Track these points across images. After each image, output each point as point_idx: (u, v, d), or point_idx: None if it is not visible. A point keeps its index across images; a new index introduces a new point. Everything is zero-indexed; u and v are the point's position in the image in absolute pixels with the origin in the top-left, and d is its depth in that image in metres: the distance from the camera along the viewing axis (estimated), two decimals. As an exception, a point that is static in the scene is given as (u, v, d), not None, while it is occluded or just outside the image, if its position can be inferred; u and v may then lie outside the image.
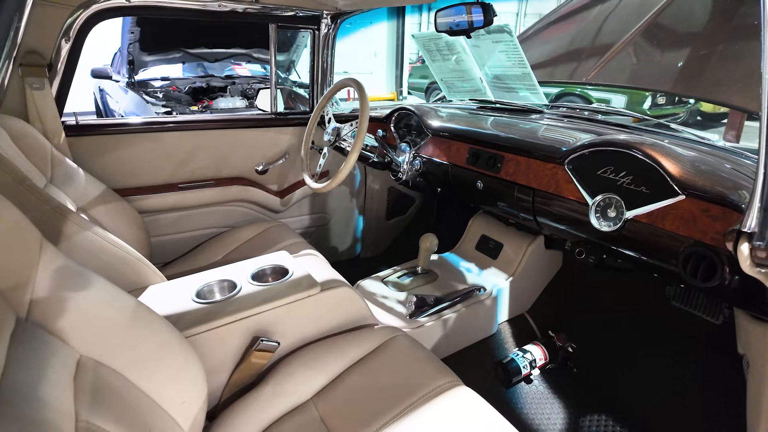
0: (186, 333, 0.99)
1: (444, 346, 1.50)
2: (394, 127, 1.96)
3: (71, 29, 1.48)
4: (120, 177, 1.68)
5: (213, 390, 1.04)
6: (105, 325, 0.77)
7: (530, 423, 1.36)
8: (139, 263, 1.19)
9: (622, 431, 1.31)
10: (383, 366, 1.07)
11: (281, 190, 2.08)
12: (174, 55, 4.34)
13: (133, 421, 0.70)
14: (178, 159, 1.81)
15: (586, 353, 1.52)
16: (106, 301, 0.80)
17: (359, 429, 0.92)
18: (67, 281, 0.74)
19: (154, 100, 3.80)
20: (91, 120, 1.65)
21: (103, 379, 0.72)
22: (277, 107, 2.02)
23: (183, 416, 0.83)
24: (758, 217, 0.70)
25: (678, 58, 1.65)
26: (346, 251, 2.37)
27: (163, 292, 1.14)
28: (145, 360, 0.80)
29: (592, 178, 1.20)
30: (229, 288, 1.15)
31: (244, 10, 1.73)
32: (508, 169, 1.44)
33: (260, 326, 1.07)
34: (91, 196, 1.43)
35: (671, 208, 1.04)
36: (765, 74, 0.66)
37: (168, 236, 1.83)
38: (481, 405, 0.95)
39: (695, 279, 0.96)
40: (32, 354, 0.62)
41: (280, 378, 1.05)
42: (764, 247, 0.70)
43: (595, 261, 1.32)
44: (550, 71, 4.39)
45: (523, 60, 1.55)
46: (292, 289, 1.13)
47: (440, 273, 1.71)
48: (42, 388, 0.58)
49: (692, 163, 1.06)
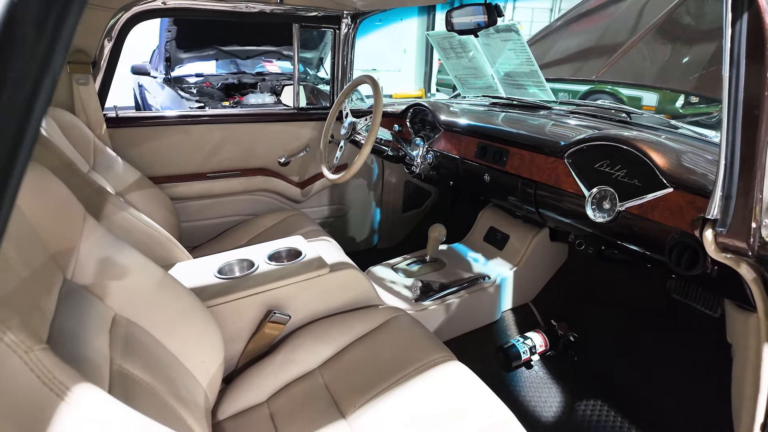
0: (207, 303, 1.10)
1: (447, 329, 1.58)
2: (409, 122, 2.04)
3: (113, 30, 1.62)
4: (154, 165, 1.82)
5: (230, 357, 1.16)
6: (136, 290, 0.88)
7: (527, 405, 1.43)
8: (169, 242, 1.32)
9: (617, 417, 1.36)
10: (384, 341, 1.16)
11: (302, 181, 2.20)
12: (208, 52, 4.54)
13: (159, 371, 0.81)
14: (207, 150, 1.94)
15: (588, 343, 1.57)
16: (138, 269, 0.91)
17: (358, 395, 1.02)
18: (106, 250, 0.86)
19: (188, 96, 3.99)
20: (129, 113, 1.80)
21: (133, 335, 0.83)
22: (299, 103, 2.14)
23: (202, 374, 0.95)
24: (720, 205, 0.76)
25: (689, 55, 1.67)
26: (363, 242, 2.47)
27: (188, 268, 1.26)
28: (170, 322, 0.92)
29: (589, 171, 1.26)
30: (247, 266, 1.26)
31: (270, 11, 1.85)
32: (513, 162, 1.50)
33: (274, 301, 1.18)
34: (128, 182, 1.57)
35: (660, 200, 1.08)
36: (725, 74, 0.71)
37: (196, 222, 1.97)
38: (470, 378, 1.03)
39: (679, 267, 1.02)
40: (76, 307, 0.74)
41: (291, 348, 1.15)
42: (726, 233, 0.76)
43: (594, 251, 1.38)
44: (580, 66, 4.33)
45: (531, 58, 1.61)
46: (304, 269, 1.23)
47: (448, 262, 1.79)
48: (84, 334, 0.70)
49: (682, 157, 1.11)
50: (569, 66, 4.33)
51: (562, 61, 4.25)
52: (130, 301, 0.86)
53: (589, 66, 4.31)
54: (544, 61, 4.11)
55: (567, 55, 3.63)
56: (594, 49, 3.45)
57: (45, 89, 0.29)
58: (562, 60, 4.23)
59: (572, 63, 4.33)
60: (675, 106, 5.83)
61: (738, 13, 0.69)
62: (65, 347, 0.64)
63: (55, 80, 0.30)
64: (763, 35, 0.67)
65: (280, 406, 1.04)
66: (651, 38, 2.73)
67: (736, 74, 0.70)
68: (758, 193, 0.72)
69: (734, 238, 0.75)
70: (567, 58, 4.25)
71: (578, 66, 3.87)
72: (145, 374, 0.76)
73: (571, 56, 3.75)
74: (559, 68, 4.28)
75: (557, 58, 3.78)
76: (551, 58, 4.23)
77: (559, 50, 4.27)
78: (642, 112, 1.53)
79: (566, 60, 4.29)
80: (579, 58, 4.00)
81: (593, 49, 3.43)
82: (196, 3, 1.70)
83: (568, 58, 4.25)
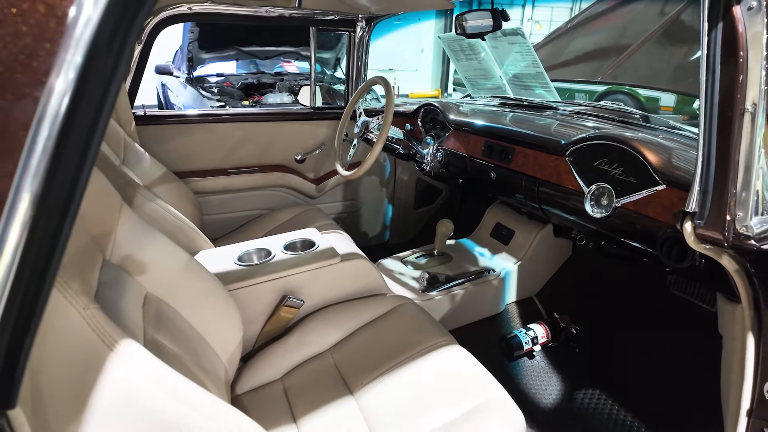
0: (228, 287, 1.20)
1: (452, 319, 1.66)
2: (420, 121, 2.11)
3: (142, 33, 1.73)
4: (179, 161, 1.93)
5: (248, 337, 1.25)
6: (165, 271, 0.98)
7: (527, 392, 1.49)
8: (193, 232, 1.42)
9: (614, 406, 1.41)
10: (390, 327, 1.24)
11: (317, 177, 2.29)
12: (229, 52, 4.67)
13: (185, 344, 0.91)
14: (228, 147, 2.05)
15: (589, 335, 1.63)
16: (167, 254, 1.01)
17: (364, 374, 1.10)
18: (139, 235, 0.96)
19: (209, 95, 4.12)
20: (156, 112, 1.91)
21: (163, 311, 0.93)
22: (315, 102, 2.23)
23: (222, 350, 1.04)
24: (698, 199, 0.82)
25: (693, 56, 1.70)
26: (375, 237, 2.56)
27: (211, 255, 1.36)
28: (195, 302, 1.01)
29: (588, 168, 1.32)
30: (265, 255, 1.36)
31: (289, 15, 1.94)
32: (518, 160, 1.57)
33: (289, 287, 1.27)
34: (155, 176, 1.68)
35: (654, 197, 1.14)
36: (702, 77, 0.77)
37: (217, 215, 2.08)
38: (469, 360, 1.10)
39: (670, 260, 1.07)
40: (114, 283, 0.84)
41: (304, 331, 1.24)
42: (703, 225, 0.82)
43: (594, 247, 1.43)
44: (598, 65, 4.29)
45: (537, 60, 1.67)
46: (317, 258, 1.32)
47: (455, 256, 1.86)
48: (121, 306, 0.80)
49: (673, 156, 1.16)
50: (587, 65, 4.31)
51: (579, 59, 4.23)
52: (160, 281, 0.96)
53: (606, 66, 4.29)
54: (561, 59, 4.10)
55: (584, 53, 3.62)
56: (612, 49, 3.45)
57: (113, 91, 0.37)
58: (580, 59, 4.21)
59: (590, 62, 4.31)
60: (693, 107, 5.78)
61: (714, 22, 0.75)
62: (107, 315, 0.73)
63: (120, 84, 0.39)
64: (736, 42, 0.73)
65: (293, 383, 1.13)
66: (659, 40, 2.73)
67: (712, 78, 0.76)
68: (732, 188, 0.78)
69: (711, 229, 0.82)
70: (585, 57, 4.23)
71: (596, 65, 3.86)
72: (174, 346, 0.85)
73: (589, 55, 3.74)
74: (576, 68, 4.27)
75: (574, 57, 3.78)
76: (569, 57, 4.21)
77: (576, 49, 4.25)
78: (636, 112, 1.58)
79: (584, 59, 4.27)
80: (597, 57, 3.98)
81: (611, 48, 3.43)
82: (220, 8, 1.80)
83: (585, 57, 4.22)
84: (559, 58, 4.11)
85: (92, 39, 0.33)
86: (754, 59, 0.73)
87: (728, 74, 0.75)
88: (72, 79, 0.33)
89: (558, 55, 4.15)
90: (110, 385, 0.52)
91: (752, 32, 0.73)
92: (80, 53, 0.33)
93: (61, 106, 0.34)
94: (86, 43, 0.34)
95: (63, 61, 0.33)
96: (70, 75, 0.33)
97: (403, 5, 1.78)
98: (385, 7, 1.85)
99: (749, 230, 0.79)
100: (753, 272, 0.90)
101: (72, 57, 0.33)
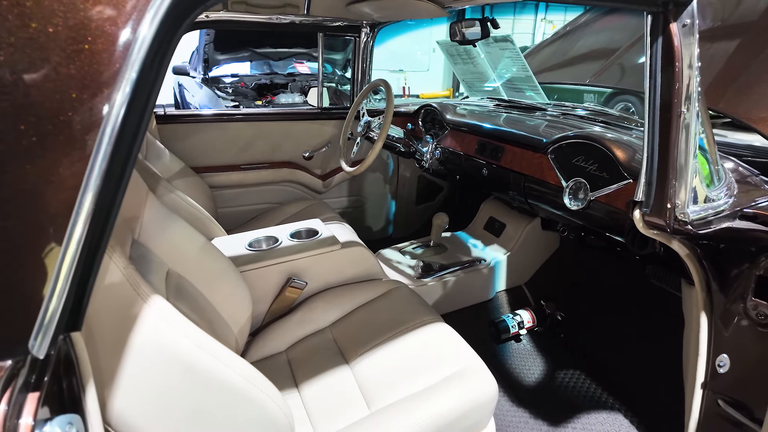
0: (240, 269, 1.34)
1: (444, 304, 1.79)
2: (420, 121, 2.24)
3: None
4: (195, 157, 2.09)
5: (257, 314, 1.40)
6: (184, 251, 1.13)
7: (512, 372, 1.62)
8: (208, 221, 1.57)
9: (591, 384, 1.53)
10: (384, 307, 1.38)
11: (323, 174, 2.44)
12: (243, 54, 4.84)
13: (202, 314, 1.05)
14: (241, 144, 2.20)
15: (574, 322, 1.74)
16: (186, 236, 1.16)
17: (359, 347, 1.23)
18: (162, 219, 1.11)
19: (224, 95, 4.29)
20: (174, 111, 2.07)
21: (182, 285, 1.07)
22: (322, 103, 2.37)
23: (234, 322, 1.18)
24: (644, 189, 0.94)
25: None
26: (379, 231, 2.69)
27: (224, 241, 1.51)
28: (210, 279, 1.16)
29: (568, 165, 1.44)
30: (273, 241, 1.50)
31: (299, 22, 2.09)
32: (507, 158, 1.69)
33: (294, 270, 1.41)
34: (174, 171, 1.84)
35: (623, 190, 1.26)
36: (646, 83, 0.89)
37: (231, 208, 2.24)
38: (451, 335, 1.23)
39: (634, 247, 1.19)
40: (141, 259, 0.98)
41: (306, 310, 1.38)
42: (649, 213, 0.94)
43: (575, 238, 1.55)
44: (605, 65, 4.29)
45: (525, 65, 1.79)
46: (319, 245, 1.46)
47: (449, 247, 1.99)
48: (149, 278, 0.94)
49: (640, 152, 1.27)
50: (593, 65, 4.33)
51: (585, 58, 4.26)
52: (180, 259, 1.10)
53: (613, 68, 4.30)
54: (566, 57, 4.14)
55: (581, 54, 3.68)
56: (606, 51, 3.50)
57: (152, 100, 0.51)
58: (585, 57, 4.25)
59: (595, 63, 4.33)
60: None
61: (655, 36, 0.87)
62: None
63: (158, 93, 0.52)
64: (673, 54, 0.85)
65: (296, 355, 1.27)
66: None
67: (654, 84, 0.88)
68: (672, 179, 0.90)
69: (655, 216, 0.93)
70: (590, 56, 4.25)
71: (595, 66, 3.91)
72: (192, 314, 1.00)
73: (588, 55, 3.79)
74: (580, 68, 4.31)
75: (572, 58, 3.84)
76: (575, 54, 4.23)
77: (583, 47, 4.28)
78: (614, 113, 1.69)
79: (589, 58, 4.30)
80: (597, 57, 4.02)
81: (604, 50, 3.48)
82: (235, 16, 1.95)
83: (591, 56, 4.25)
84: (565, 56, 4.15)
85: (144, 58, 0.46)
86: (688, 69, 0.85)
87: (666, 82, 0.87)
88: (128, 92, 0.46)
89: (566, 51, 4.19)
90: (143, 329, 0.66)
91: (686, 45, 0.84)
92: (135, 70, 0.46)
93: (118, 117, 0.45)
94: (140, 62, 0.46)
95: (123, 78, 0.46)
96: (127, 89, 0.46)
97: (401, 15, 1.91)
98: (387, 15, 1.98)
99: (686, 217, 0.90)
100: (702, 255, 1.01)
101: (129, 74, 0.46)
